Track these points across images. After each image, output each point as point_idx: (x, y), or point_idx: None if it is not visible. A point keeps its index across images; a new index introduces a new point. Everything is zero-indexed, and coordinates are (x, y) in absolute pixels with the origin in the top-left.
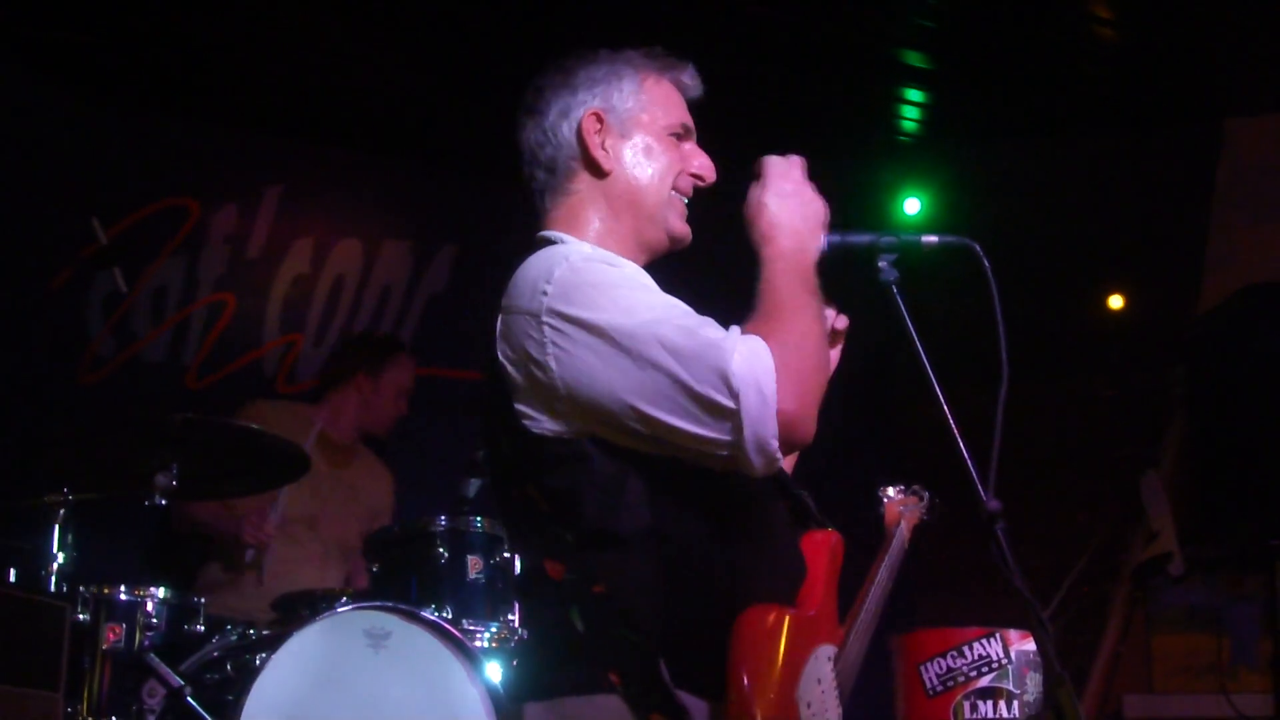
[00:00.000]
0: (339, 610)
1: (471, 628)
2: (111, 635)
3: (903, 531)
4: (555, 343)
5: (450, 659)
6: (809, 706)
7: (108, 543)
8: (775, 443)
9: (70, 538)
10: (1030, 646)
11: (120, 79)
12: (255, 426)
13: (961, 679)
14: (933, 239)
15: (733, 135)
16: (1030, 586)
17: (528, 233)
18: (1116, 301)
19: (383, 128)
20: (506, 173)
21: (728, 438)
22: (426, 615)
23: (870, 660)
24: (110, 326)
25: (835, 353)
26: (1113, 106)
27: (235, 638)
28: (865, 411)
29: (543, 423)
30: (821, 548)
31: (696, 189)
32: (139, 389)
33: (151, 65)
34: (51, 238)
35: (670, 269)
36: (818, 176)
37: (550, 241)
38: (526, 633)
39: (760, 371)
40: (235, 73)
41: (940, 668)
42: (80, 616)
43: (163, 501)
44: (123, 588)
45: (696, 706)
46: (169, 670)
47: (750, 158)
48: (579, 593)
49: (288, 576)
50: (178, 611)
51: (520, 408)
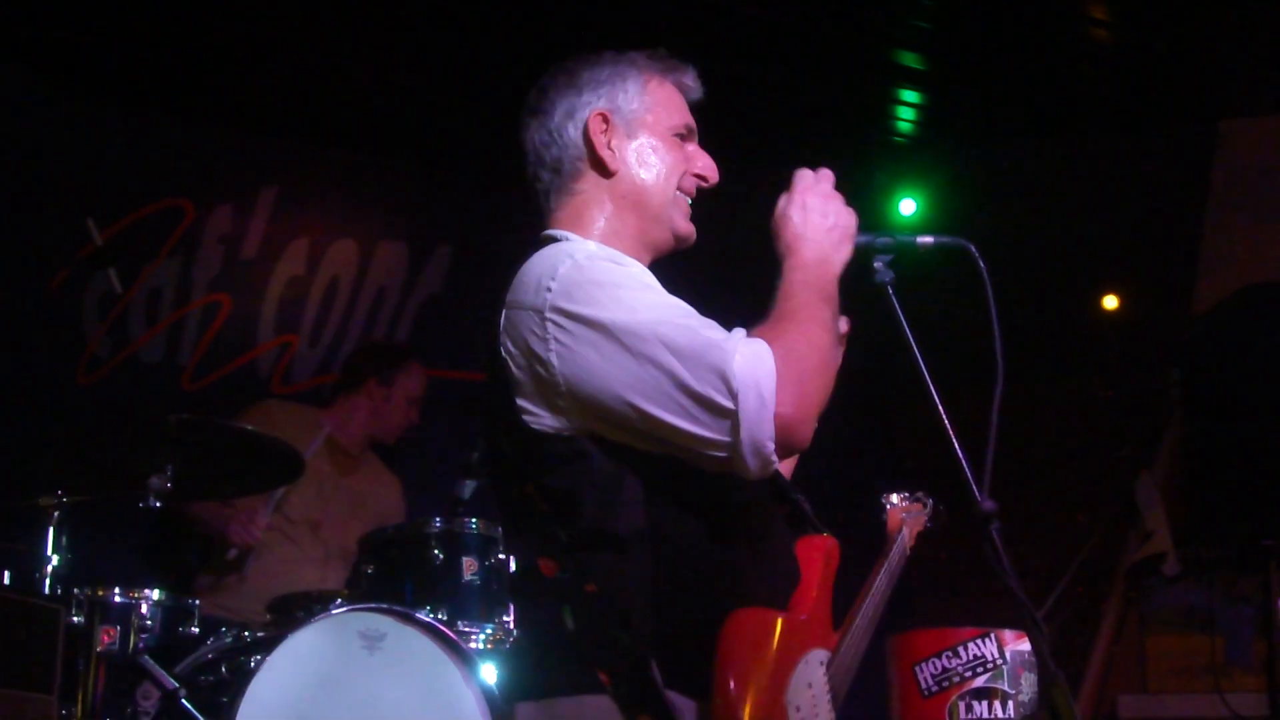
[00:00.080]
0: (334, 612)
1: (466, 629)
2: (106, 637)
3: (904, 539)
4: (557, 338)
5: (445, 661)
6: (798, 710)
7: (102, 545)
8: (771, 445)
9: (65, 540)
10: (1025, 647)
11: (116, 80)
12: (250, 428)
13: (956, 679)
14: (928, 239)
15: (729, 136)
16: (1026, 587)
17: (528, 233)
18: (1111, 302)
19: (378, 129)
20: (502, 174)
21: (725, 438)
22: (421, 617)
23: (865, 662)
24: (106, 327)
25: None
26: (1108, 108)
27: (230, 640)
28: (862, 412)
29: (543, 419)
30: (817, 552)
31: (700, 189)
32: (135, 390)
33: (147, 67)
34: (49, 238)
35: (674, 269)
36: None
37: (555, 239)
38: (520, 633)
39: (761, 374)
40: (231, 74)
41: (935, 668)
42: (75, 619)
43: (157, 504)
44: (117, 590)
45: (686, 707)
46: (164, 672)
47: (747, 158)
48: (571, 591)
49: (288, 577)
50: (172, 614)
51: (521, 403)
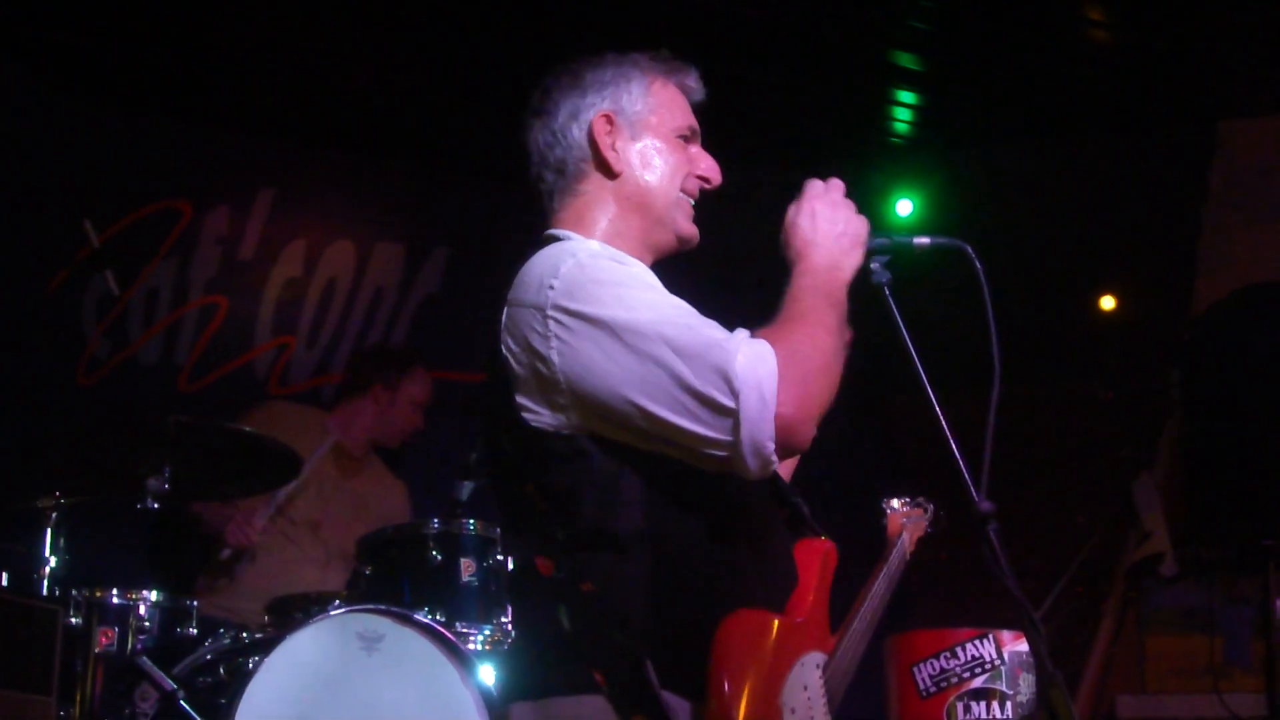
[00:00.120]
0: (332, 613)
1: (465, 630)
2: (104, 639)
3: (904, 543)
4: (559, 336)
5: (443, 662)
6: (793, 712)
7: (101, 546)
8: (771, 445)
9: (63, 541)
10: (1023, 647)
11: (114, 81)
12: (250, 429)
13: (955, 680)
14: (925, 240)
15: (726, 137)
16: (1025, 587)
17: (525, 234)
18: (1109, 302)
19: (376, 130)
20: (499, 175)
21: (726, 437)
22: (419, 618)
23: (863, 664)
24: (104, 329)
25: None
26: (1106, 108)
27: (228, 641)
28: (862, 413)
29: (543, 417)
30: (814, 556)
31: (702, 191)
32: (133, 391)
33: (145, 67)
34: (48, 239)
35: (674, 269)
36: (811, 178)
37: (558, 238)
38: (517, 632)
39: (763, 374)
40: (228, 75)
41: (933, 669)
42: (73, 620)
43: (155, 505)
44: (115, 591)
45: (681, 708)
46: (162, 674)
47: (745, 158)
48: (568, 590)
49: (288, 578)
50: (170, 615)
51: (521, 400)
